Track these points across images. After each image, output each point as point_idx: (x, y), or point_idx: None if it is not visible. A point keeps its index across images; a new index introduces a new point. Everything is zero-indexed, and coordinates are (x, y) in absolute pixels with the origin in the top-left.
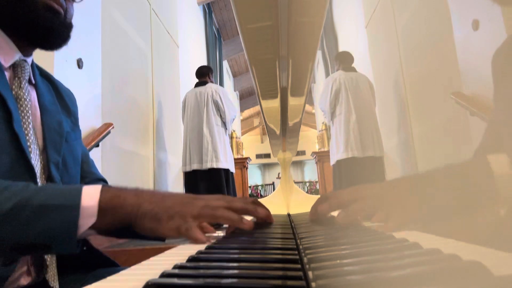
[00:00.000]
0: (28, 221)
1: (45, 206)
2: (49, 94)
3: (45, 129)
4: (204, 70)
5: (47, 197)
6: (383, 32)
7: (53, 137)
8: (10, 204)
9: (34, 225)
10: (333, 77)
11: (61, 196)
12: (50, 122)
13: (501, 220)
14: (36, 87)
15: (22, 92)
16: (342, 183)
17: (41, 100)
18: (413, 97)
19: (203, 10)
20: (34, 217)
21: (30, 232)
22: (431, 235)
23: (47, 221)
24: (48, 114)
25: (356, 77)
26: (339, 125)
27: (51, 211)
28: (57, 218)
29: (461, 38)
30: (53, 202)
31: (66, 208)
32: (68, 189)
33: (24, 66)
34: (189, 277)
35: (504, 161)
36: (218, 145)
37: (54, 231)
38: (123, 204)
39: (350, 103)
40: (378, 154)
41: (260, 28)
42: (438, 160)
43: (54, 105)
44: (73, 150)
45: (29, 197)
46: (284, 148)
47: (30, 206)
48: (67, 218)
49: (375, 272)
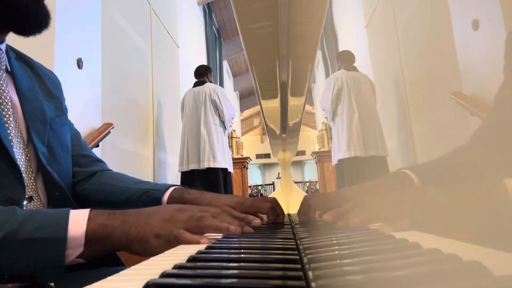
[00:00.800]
0: (14, 254)
1: (31, 240)
2: (28, 80)
3: (27, 118)
4: (203, 69)
5: (33, 230)
6: (383, 32)
7: (37, 125)
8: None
9: (21, 258)
10: (335, 76)
11: (48, 228)
12: (31, 110)
13: (501, 220)
14: (13, 75)
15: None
16: (344, 183)
17: (20, 88)
18: (413, 97)
19: (203, 10)
20: (20, 251)
21: (17, 265)
22: (431, 235)
23: (34, 254)
24: (28, 102)
25: (358, 76)
26: (341, 124)
27: (37, 244)
28: (44, 251)
29: (461, 38)
30: (39, 236)
31: (53, 241)
32: (54, 217)
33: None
34: (189, 277)
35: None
36: (215, 144)
37: (41, 264)
38: (111, 234)
39: (353, 102)
40: (381, 153)
41: (260, 28)
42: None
43: (34, 91)
44: (60, 137)
45: (15, 230)
46: (284, 148)
47: (16, 240)
48: (53, 251)
49: (375, 272)
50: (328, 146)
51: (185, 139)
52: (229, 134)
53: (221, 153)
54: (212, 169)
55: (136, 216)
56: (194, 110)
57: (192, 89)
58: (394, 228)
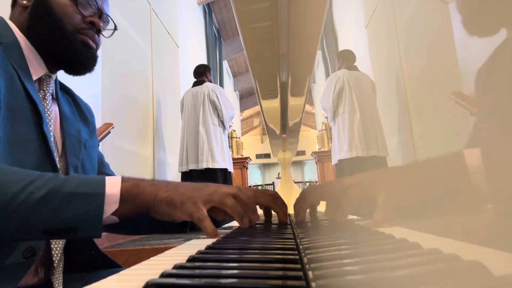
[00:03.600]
0: (58, 207)
1: (74, 194)
2: (69, 106)
3: (65, 136)
4: (202, 69)
5: (75, 186)
6: (383, 32)
7: (73, 143)
8: (42, 192)
9: (64, 211)
10: (336, 75)
11: (88, 185)
12: (70, 129)
13: (501, 220)
14: (57, 100)
15: (46, 103)
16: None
17: (62, 110)
18: (413, 97)
19: (203, 10)
20: (64, 204)
21: (60, 218)
22: (431, 235)
23: (76, 207)
24: (68, 122)
25: (359, 75)
26: (342, 124)
27: (79, 198)
28: (85, 204)
29: (461, 38)
30: (80, 191)
31: (93, 195)
32: (93, 178)
33: (49, 81)
34: (189, 277)
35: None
36: (214, 144)
37: (81, 216)
38: (142, 192)
39: (354, 101)
40: (382, 153)
41: (260, 28)
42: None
43: (73, 114)
44: (91, 157)
45: (59, 186)
46: (284, 148)
47: (60, 194)
48: (93, 204)
49: (375, 272)
50: (328, 146)
51: (184, 139)
52: (229, 134)
53: (220, 153)
54: (211, 170)
55: (166, 183)
56: (192, 110)
57: (191, 89)
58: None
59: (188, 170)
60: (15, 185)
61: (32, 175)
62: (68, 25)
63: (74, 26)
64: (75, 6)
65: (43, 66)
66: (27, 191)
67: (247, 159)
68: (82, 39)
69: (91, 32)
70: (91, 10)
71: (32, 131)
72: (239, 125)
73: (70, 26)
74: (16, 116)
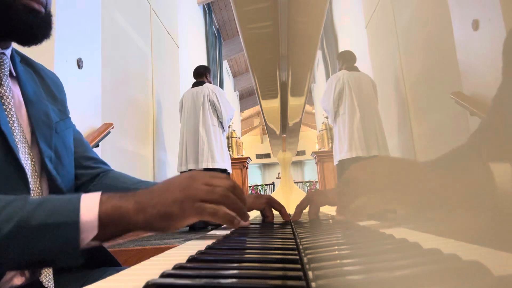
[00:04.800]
0: (29, 241)
1: (44, 225)
2: (33, 83)
3: (33, 123)
4: (201, 70)
5: (46, 215)
6: (383, 32)
7: (42, 129)
8: (9, 226)
9: (36, 244)
10: (336, 76)
11: (59, 213)
12: (37, 114)
13: (501, 220)
14: (18, 79)
15: (3, 89)
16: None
17: (25, 92)
18: (413, 97)
19: (203, 10)
20: (34, 238)
21: (33, 252)
22: (431, 235)
23: (48, 240)
24: (33, 107)
25: (359, 76)
26: (342, 125)
27: (51, 229)
28: (58, 236)
29: (461, 38)
30: (51, 221)
31: (65, 225)
32: (66, 203)
33: (3, 60)
34: (189, 277)
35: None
36: (214, 145)
37: (56, 248)
38: (125, 215)
39: (354, 102)
40: (383, 153)
41: (260, 28)
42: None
43: (39, 95)
44: (64, 140)
45: (27, 217)
46: (284, 148)
47: (29, 227)
48: (67, 235)
49: (375, 272)
50: (328, 146)
51: (183, 139)
52: (229, 134)
53: (220, 154)
54: (210, 170)
55: (150, 195)
56: (192, 111)
57: (191, 89)
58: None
59: (187, 170)
60: None
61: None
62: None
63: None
64: None
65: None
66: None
67: (247, 159)
68: (24, 3)
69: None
70: None
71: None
72: (239, 125)
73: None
74: None
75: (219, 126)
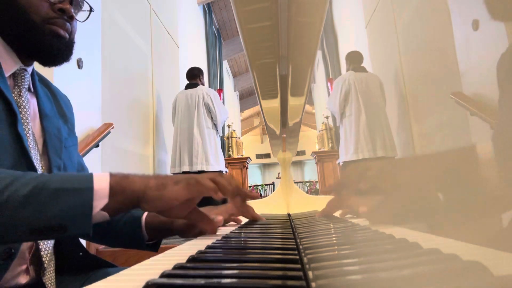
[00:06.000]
0: (45, 203)
1: (61, 189)
2: (48, 101)
3: (46, 134)
4: (195, 71)
5: (62, 181)
6: (383, 32)
7: (54, 142)
8: (28, 188)
9: (51, 207)
10: (342, 78)
11: (75, 180)
12: (50, 127)
13: (501, 220)
14: (36, 94)
15: (22, 100)
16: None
17: (41, 107)
18: (413, 97)
19: (203, 10)
20: (51, 200)
21: (48, 214)
22: (431, 235)
23: (63, 203)
24: (48, 120)
25: (366, 77)
26: (349, 126)
27: (67, 193)
28: (73, 200)
29: (461, 38)
30: (68, 186)
31: (81, 190)
32: (80, 174)
33: (24, 75)
34: (189, 277)
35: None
36: (208, 147)
37: (70, 212)
38: (132, 183)
39: (360, 103)
40: (390, 154)
41: (260, 28)
42: (438, 161)
43: (53, 112)
44: (71, 156)
45: (45, 181)
46: (284, 148)
47: (46, 189)
48: (82, 199)
49: (375, 272)
50: (328, 146)
51: (177, 141)
52: (229, 134)
53: (214, 156)
54: (205, 172)
55: (155, 175)
56: (186, 113)
57: (185, 91)
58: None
59: (181, 172)
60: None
61: (15, 173)
62: (35, 15)
63: (42, 15)
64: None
65: (16, 60)
66: (11, 188)
67: (247, 159)
68: (51, 29)
69: (60, 21)
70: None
71: (6, 131)
72: (239, 125)
73: (37, 16)
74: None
75: (213, 128)
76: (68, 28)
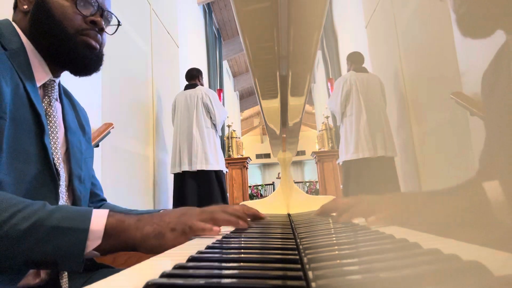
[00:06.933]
0: (41, 240)
1: (57, 228)
2: (72, 112)
3: (69, 146)
4: (194, 72)
5: (60, 220)
6: (383, 32)
7: (76, 153)
8: (27, 224)
9: (47, 244)
10: (343, 78)
11: (73, 219)
12: (73, 139)
13: (501, 220)
14: (62, 105)
15: (52, 110)
16: (351, 184)
17: (66, 118)
18: (413, 97)
19: (203, 10)
20: (47, 237)
21: (42, 250)
22: (431, 235)
23: (59, 241)
24: (71, 132)
25: (367, 77)
26: (349, 126)
27: (62, 232)
28: (67, 239)
29: (461, 38)
30: (64, 225)
31: (76, 231)
32: (80, 212)
33: (53, 85)
34: (189, 277)
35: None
36: (207, 147)
37: (63, 250)
38: (127, 229)
39: (361, 103)
40: (390, 154)
41: (260, 28)
42: (437, 161)
43: (75, 123)
44: (88, 167)
45: (44, 218)
46: (284, 148)
47: (45, 226)
48: (76, 239)
49: (375, 272)
50: (328, 146)
51: (177, 141)
52: (229, 134)
53: (214, 155)
54: (204, 171)
55: (150, 216)
56: (185, 113)
57: (184, 92)
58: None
59: (181, 172)
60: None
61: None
62: (69, 27)
63: (75, 27)
64: (75, 6)
65: (47, 71)
66: (12, 222)
67: (247, 159)
68: (84, 40)
69: (93, 32)
70: (92, 9)
71: (33, 142)
72: (239, 125)
73: (71, 27)
74: (19, 127)
75: (212, 128)
76: (99, 39)
